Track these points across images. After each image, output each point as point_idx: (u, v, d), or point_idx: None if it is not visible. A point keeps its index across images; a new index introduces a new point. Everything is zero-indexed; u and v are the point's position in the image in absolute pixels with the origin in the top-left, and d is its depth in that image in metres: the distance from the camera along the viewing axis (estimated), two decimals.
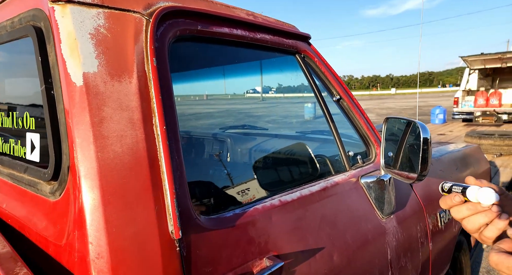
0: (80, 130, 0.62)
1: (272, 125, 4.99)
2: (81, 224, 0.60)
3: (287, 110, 5.60)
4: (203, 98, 3.30)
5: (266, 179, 1.27)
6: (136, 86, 0.70)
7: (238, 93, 2.64)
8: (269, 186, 1.22)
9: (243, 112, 4.08)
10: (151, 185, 0.65)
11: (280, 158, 1.40)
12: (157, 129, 0.70)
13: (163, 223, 0.65)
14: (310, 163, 1.28)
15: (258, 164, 1.37)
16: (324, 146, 1.67)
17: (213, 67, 1.50)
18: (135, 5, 0.77)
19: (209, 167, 1.64)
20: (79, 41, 0.65)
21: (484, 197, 0.55)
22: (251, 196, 1.28)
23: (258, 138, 2.11)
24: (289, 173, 1.28)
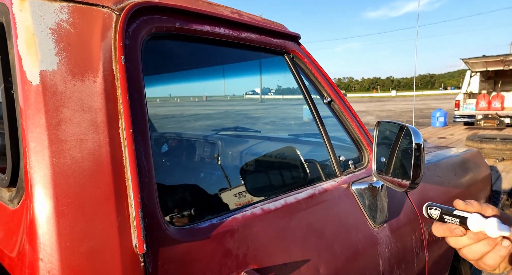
0: (34, 134, 0.56)
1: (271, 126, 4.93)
2: (31, 237, 0.54)
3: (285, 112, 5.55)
4: (187, 100, 3.25)
5: (253, 184, 1.21)
6: (101, 85, 0.65)
7: (221, 95, 2.59)
8: (256, 192, 1.17)
9: (229, 115, 4.04)
10: (113, 193, 0.60)
11: (268, 162, 1.34)
12: (123, 132, 0.64)
13: (126, 236, 0.59)
14: (299, 168, 1.22)
15: (245, 168, 1.31)
16: (316, 150, 1.61)
17: (195, 68, 1.45)
18: (105, 0, 0.71)
19: (193, 171, 1.59)
20: (38, 37, 0.60)
21: (493, 230, 0.49)
22: (249, 198, 1.23)
23: (250, 140, 2.06)
24: (276, 178, 1.22)
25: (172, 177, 1.01)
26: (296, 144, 1.90)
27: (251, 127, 2.81)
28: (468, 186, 1.77)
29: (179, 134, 2.22)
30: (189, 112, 3.71)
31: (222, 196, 1.04)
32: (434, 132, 8.15)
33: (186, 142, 2.06)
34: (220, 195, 1.00)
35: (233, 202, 1.14)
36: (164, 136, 2.12)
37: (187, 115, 3.65)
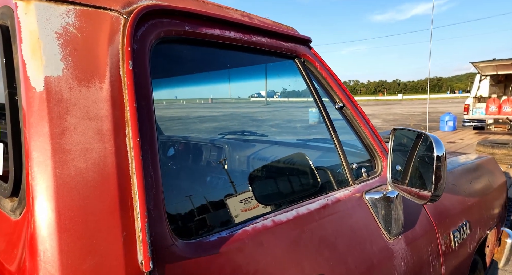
0: (37, 143, 0.54)
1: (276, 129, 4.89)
2: (32, 253, 0.51)
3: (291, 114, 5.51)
4: (198, 102, 3.23)
5: (262, 192, 1.17)
6: (108, 92, 0.62)
7: (230, 98, 2.56)
8: (265, 200, 1.13)
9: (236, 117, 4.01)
10: (119, 207, 0.57)
11: (277, 170, 1.30)
12: (130, 141, 0.61)
13: (131, 252, 0.56)
14: (310, 176, 1.18)
15: (254, 175, 1.28)
16: (326, 156, 1.57)
17: (204, 71, 1.42)
18: (113, 3, 0.69)
19: (200, 178, 1.56)
20: (43, 41, 0.58)
21: None
22: (255, 204, 1.19)
23: (257, 145, 2.02)
24: (286, 187, 1.18)
25: (178, 185, 0.98)
26: (304, 150, 1.86)
27: (258, 129, 2.77)
28: (484, 195, 1.71)
29: (185, 138, 2.19)
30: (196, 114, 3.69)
31: (230, 204, 1.01)
32: (443, 136, 8.02)
33: (192, 146, 2.03)
34: (228, 204, 0.96)
35: (239, 208, 1.10)
36: (170, 140, 2.10)
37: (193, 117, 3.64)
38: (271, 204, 1.07)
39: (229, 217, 0.92)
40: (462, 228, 1.36)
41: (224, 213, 0.95)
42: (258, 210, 1.12)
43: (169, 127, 2.44)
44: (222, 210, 0.95)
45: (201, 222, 0.86)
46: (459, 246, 1.34)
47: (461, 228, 1.36)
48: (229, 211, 0.95)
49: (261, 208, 1.15)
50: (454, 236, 1.31)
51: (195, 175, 1.58)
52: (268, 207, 1.11)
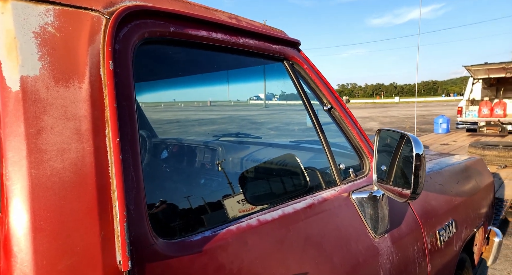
0: (12, 143, 0.53)
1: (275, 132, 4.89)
2: (7, 253, 0.50)
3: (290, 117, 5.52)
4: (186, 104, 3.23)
5: (251, 192, 1.17)
6: (87, 92, 0.62)
7: (219, 100, 2.56)
8: (254, 200, 1.13)
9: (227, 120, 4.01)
10: (97, 207, 0.56)
11: (267, 170, 1.30)
12: (110, 141, 0.61)
13: (109, 252, 0.55)
14: (299, 176, 1.18)
15: (244, 175, 1.27)
16: (316, 157, 1.58)
17: (191, 73, 1.42)
18: (94, 3, 0.69)
19: (187, 179, 1.55)
20: (19, 41, 0.57)
21: None
22: (250, 207, 1.19)
23: (251, 147, 2.02)
24: (275, 186, 1.18)
25: (164, 185, 0.98)
26: (296, 151, 1.87)
27: (253, 132, 2.76)
28: (471, 195, 1.72)
29: (179, 140, 2.18)
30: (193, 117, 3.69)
31: (216, 205, 1.01)
32: (436, 138, 8.09)
33: (183, 148, 2.02)
34: (214, 204, 0.96)
35: (237, 209, 1.10)
36: (164, 142, 2.09)
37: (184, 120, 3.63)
38: (260, 204, 1.07)
39: (213, 216, 0.92)
40: (448, 226, 1.37)
41: (208, 213, 0.94)
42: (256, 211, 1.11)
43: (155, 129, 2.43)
44: (207, 210, 0.95)
45: (185, 222, 0.86)
46: (445, 245, 1.35)
47: (447, 226, 1.37)
48: (214, 210, 0.95)
49: (258, 210, 1.14)
50: (440, 235, 1.32)
51: (186, 177, 1.57)
52: (265, 208, 1.11)
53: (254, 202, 1.10)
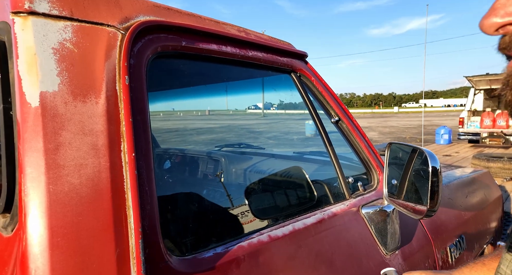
0: (31, 158, 0.53)
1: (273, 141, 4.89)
2: (23, 271, 0.50)
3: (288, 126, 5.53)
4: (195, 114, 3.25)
5: (258, 206, 1.16)
6: (104, 107, 0.62)
7: (226, 110, 2.59)
8: (261, 214, 1.12)
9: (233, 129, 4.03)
10: (113, 223, 0.56)
11: (274, 183, 1.29)
12: (126, 156, 0.61)
13: (125, 269, 0.55)
14: (306, 190, 1.17)
15: (250, 188, 1.27)
16: (322, 169, 1.57)
17: (201, 85, 1.43)
18: (110, 19, 0.70)
19: (195, 192, 1.54)
20: (39, 57, 0.58)
21: None
22: (251, 218, 1.18)
23: (254, 158, 2.02)
24: (283, 200, 1.17)
25: (173, 199, 0.97)
26: (301, 163, 1.86)
27: (255, 141, 2.76)
28: (480, 209, 1.71)
29: (181, 151, 2.18)
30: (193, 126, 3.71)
31: (227, 219, 1.00)
32: (439, 149, 8.07)
33: (188, 159, 2.02)
34: (225, 219, 0.95)
35: (236, 223, 1.09)
36: (166, 152, 2.09)
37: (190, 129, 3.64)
38: (267, 218, 1.07)
39: (224, 232, 0.91)
40: (459, 242, 1.35)
41: (219, 228, 0.94)
42: (255, 224, 1.10)
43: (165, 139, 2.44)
44: (218, 225, 0.94)
45: (196, 238, 0.85)
46: (456, 261, 1.33)
47: (458, 242, 1.35)
48: (226, 225, 0.94)
49: (258, 222, 1.14)
50: (451, 251, 1.30)
51: (191, 189, 1.56)
52: (265, 221, 1.10)
53: (261, 215, 1.09)
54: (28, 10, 0.59)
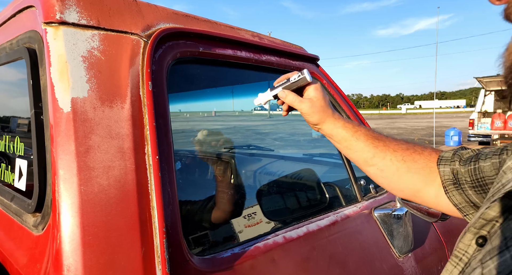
0: (63, 161, 0.56)
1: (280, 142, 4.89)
2: (57, 268, 0.53)
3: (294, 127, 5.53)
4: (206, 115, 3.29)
5: (270, 207, 1.18)
6: (129, 112, 0.65)
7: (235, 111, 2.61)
8: (273, 216, 1.14)
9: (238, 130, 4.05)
10: (138, 223, 0.59)
11: (286, 185, 1.31)
12: (149, 158, 0.64)
13: (150, 267, 0.57)
14: (319, 192, 1.19)
15: (262, 189, 1.29)
16: (333, 171, 1.58)
17: (216, 88, 1.46)
18: (133, 27, 0.73)
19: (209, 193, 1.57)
20: (70, 64, 0.61)
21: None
22: (258, 220, 1.20)
23: (263, 159, 2.04)
24: (295, 202, 1.19)
25: (193, 199, 1.00)
26: (311, 165, 1.88)
27: (261, 142, 2.78)
28: None
29: (191, 152, 2.21)
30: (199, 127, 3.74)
31: (241, 221, 1.02)
32: None
33: (198, 160, 2.05)
34: (239, 219, 0.98)
35: (243, 224, 1.11)
36: (176, 154, 2.11)
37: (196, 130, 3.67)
38: (279, 220, 1.09)
39: (240, 233, 0.93)
40: None
41: (235, 228, 0.96)
42: (262, 226, 1.12)
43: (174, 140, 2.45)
44: (234, 226, 0.97)
45: (214, 238, 0.87)
46: None
47: None
48: (240, 226, 0.96)
49: (264, 224, 1.15)
50: None
51: (203, 190, 1.59)
52: (272, 223, 1.12)
53: (274, 217, 1.11)
54: (59, 20, 0.63)
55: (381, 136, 0.71)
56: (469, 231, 0.40)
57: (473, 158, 0.58)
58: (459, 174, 0.59)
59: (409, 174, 0.64)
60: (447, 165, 0.61)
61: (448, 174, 0.60)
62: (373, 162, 0.68)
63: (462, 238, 0.41)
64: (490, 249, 0.35)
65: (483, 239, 0.38)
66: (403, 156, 0.66)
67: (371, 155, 0.68)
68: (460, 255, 0.40)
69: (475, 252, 0.39)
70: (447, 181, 0.60)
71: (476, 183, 0.56)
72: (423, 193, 0.64)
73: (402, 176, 0.65)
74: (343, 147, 0.73)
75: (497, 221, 0.37)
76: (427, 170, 0.64)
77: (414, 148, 0.67)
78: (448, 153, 0.63)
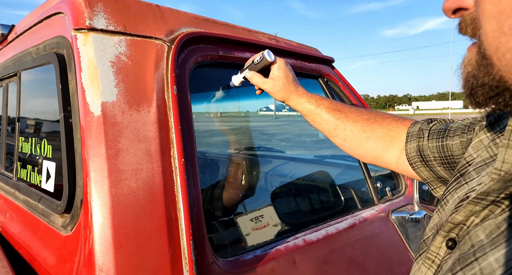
0: (95, 163, 0.58)
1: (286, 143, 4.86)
2: (90, 267, 0.54)
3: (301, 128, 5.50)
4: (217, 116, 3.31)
5: (286, 210, 1.19)
6: (155, 115, 0.66)
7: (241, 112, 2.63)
8: (289, 219, 1.14)
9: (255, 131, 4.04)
10: (166, 224, 0.60)
11: (301, 188, 1.32)
12: (175, 161, 0.65)
13: (178, 269, 0.58)
14: (334, 194, 1.19)
15: (277, 192, 1.29)
16: (347, 173, 1.58)
17: (233, 92, 1.47)
18: (157, 32, 0.74)
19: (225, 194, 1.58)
20: (100, 70, 0.63)
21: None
22: (265, 223, 1.20)
23: (274, 161, 2.04)
24: (311, 205, 1.19)
25: (212, 202, 1.01)
26: (324, 167, 1.87)
27: (267, 143, 2.77)
28: None
29: (202, 153, 2.22)
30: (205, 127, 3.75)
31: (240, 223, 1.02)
32: None
33: (208, 161, 2.06)
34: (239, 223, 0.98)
35: (250, 227, 1.10)
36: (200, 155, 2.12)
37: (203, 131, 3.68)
38: (297, 222, 1.09)
39: (247, 235, 0.93)
40: None
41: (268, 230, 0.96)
42: (269, 229, 1.12)
43: None
44: (255, 228, 0.97)
45: (236, 240, 0.88)
46: None
47: None
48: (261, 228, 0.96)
49: (272, 227, 1.15)
50: None
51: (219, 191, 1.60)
52: (278, 226, 1.12)
53: (290, 220, 1.12)
54: (88, 27, 0.64)
55: (344, 108, 0.75)
56: (439, 234, 0.41)
57: (442, 133, 0.58)
58: (426, 149, 0.60)
59: (369, 143, 0.69)
60: (413, 141, 0.62)
61: (414, 151, 0.61)
62: (336, 133, 0.73)
63: (433, 240, 0.42)
64: (460, 257, 0.36)
65: (452, 242, 0.40)
66: (362, 126, 0.70)
67: (333, 127, 0.73)
68: (433, 257, 0.42)
69: (446, 254, 0.40)
70: (414, 158, 0.62)
71: (444, 160, 0.57)
72: (383, 159, 0.69)
73: (363, 145, 0.70)
74: (310, 120, 0.77)
75: (464, 224, 0.38)
76: (387, 138, 0.67)
77: (375, 118, 0.71)
78: (415, 127, 0.64)
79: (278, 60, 0.80)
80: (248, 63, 0.84)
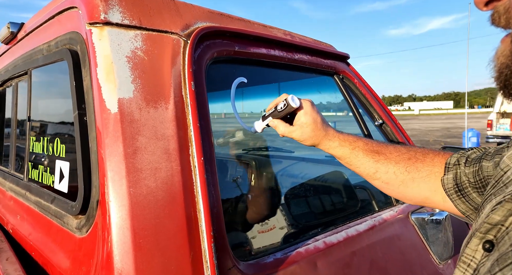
0: (112, 162, 0.55)
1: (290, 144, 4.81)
2: (108, 270, 0.52)
3: None
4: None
5: (300, 211, 1.16)
6: (173, 112, 0.64)
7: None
8: (304, 220, 1.11)
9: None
10: (186, 226, 0.57)
11: (315, 188, 1.28)
12: (194, 160, 0.62)
13: (199, 272, 0.56)
14: (350, 195, 1.16)
15: (290, 193, 1.26)
16: None
17: (249, 89, 1.44)
18: (173, 26, 0.72)
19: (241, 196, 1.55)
20: (116, 65, 0.60)
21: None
22: (271, 226, 1.17)
23: (284, 161, 2.00)
24: (327, 206, 1.16)
25: (230, 204, 0.98)
26: (337, 167, 1.84)
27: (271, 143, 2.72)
28: None
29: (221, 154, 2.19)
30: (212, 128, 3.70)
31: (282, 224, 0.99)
32: None
33: (220, 162, 2.03)
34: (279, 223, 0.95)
35: (256, 230, 1.07)
36: None
37: None
38: (314, 224, 1.06)
39: (253, 238, 0.90)
40: None
41: (274, 233, 0.94)
42: (275, 232, 1.08)
43: None
44: (274, 230, 0.94)
45: (256, 243, 0.85)
46: None
47: None
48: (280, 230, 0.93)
49: (278, 230, 1.12)
50: None
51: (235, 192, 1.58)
52: (285, 229, 1.08)
53: (305, 222, 1.08)
54: (103, 21, 0.62)
55: (381, 148, 0.70)
56: (475, 236, 0.38)
57: (479, 159, 0.56)
58: (463, 176, 0.58)
59: (415, 184, 0.65)
60: (451, 171, 0.60)
61: (451, 182, 0.59)
62: (377, 177, 0.68)
63: (469, 243, 0.39)
64: (498, 257, 0.34)
65: (490, 244, 0.37)
66: (406, 167, 0.66)
67: (373, 170, 0.68)
68: (468, 261, 0.39)
69: (483, 257, 0.37)
70: (450, 190, 0.59)
71: (479, 184, 0.55)
72: (431, 200, 0.64)
73: (408, 187, 0.65)
74: (345, 163, 0.73)
75: (502, 225, 0.36)
76: (432, 177, 0.63)
77: (416, 156, 0.66)
78: (453, 158, 0.62)
79: (304, 104, 0.73)
80: (271, 110, 0.78)
